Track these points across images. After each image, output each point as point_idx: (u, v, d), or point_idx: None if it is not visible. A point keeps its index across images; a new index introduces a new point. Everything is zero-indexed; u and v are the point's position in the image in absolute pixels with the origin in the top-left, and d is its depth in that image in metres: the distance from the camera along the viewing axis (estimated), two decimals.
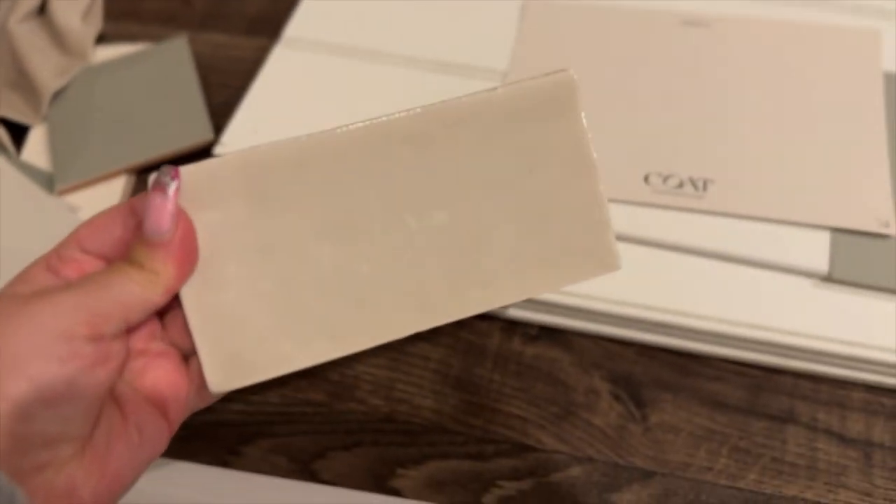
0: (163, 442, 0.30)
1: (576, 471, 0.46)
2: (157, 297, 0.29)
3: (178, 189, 0.29)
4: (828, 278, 0.48)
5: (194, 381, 0.31)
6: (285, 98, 0.60)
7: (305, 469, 0.46)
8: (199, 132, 0.59)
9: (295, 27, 0.64)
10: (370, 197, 0.32)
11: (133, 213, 0.30)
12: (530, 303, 0.50)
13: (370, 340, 0.32)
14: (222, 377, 0.31)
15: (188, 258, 0.30)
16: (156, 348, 0.31)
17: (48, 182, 0.58)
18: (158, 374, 0.30)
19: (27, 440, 0.25)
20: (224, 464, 0.47)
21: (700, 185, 0.51)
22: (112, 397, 0.29)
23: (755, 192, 0.51)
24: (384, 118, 0.32)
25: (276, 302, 0.31)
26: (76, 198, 0.57)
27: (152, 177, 0.30)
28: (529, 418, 0.48)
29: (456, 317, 0.32)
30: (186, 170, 0.30)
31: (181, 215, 0.30)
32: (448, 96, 0.59)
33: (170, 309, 0.31)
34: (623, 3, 0.62)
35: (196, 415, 0.33)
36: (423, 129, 0.32)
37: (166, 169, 0.30)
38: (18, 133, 0.62)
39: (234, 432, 0.48)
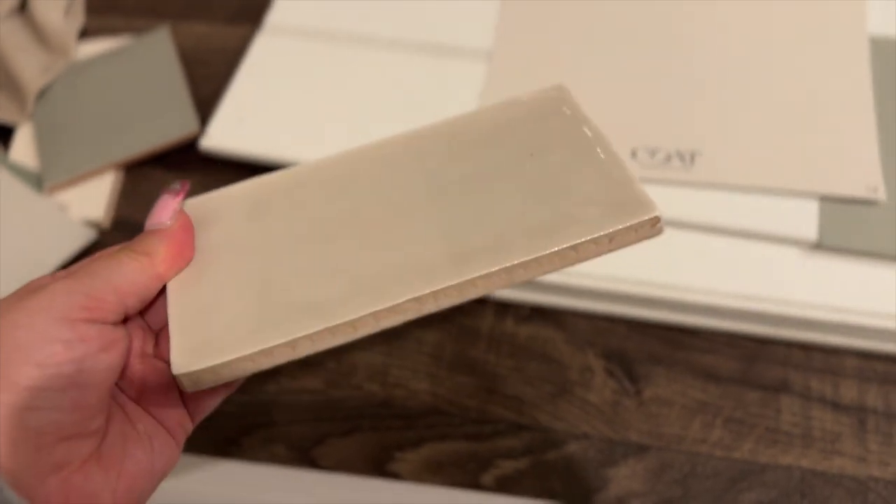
0: (172, 455, 0.30)
1: (572, 448, 0.46)
2: (147, 280, 0.29)
3: (183, 193, 0.31)
4: (818, 246, 0.48)
5: (186, 397, 0.31)
6: (270, 86, 0.60)
7: (304, 457, 0.47)
8: (185, 124, 0.59)
9: (277, 13, 0.64)
10: (370, 200, 0.32)
11: None
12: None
13: (359, 309, 0.29)
14: (186, 360, 0.29)
15: (181, 247, 0.31)
16: (151, 365, 0.30)
17: (36, 181, 0.58)
18: (155, 390, 0.30)
19: (41, 433, 0.25)
20: (223, 454, 0.47)
21: (687, 157, 0.51)
22: (118, 405, 0.29)
23: (742, 162, 0.51)
24: (377, 141, 0.34)
25: (257, 298, 0.30)
26: (65, 196, 0.57)
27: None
28: (525, 398, 0.48)
29: (458, 279, 0.29)
30: (193, 200, 0.33)
31: (182, 213, 0.31)
32: (433, 78, 0.59)
33: (164, 327, 0.31)
34: None
35: None
36: (418, 144, 0.34)
37: (177, 181, 0.32)
38: (4, 133, 0.62)
39: (231, 423, 0.48)
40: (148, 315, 0.31)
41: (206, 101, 0.61)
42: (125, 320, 0.29)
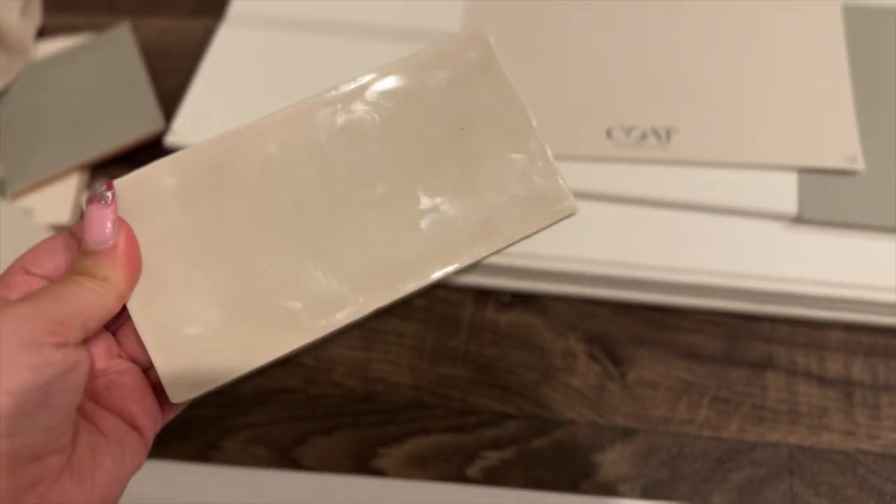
0: (142, 454, 0.30)
1: (558, 435, 0.45)
2: (111, 304, 0.29)
3: (114, 198, 0.30)
4: (798, 219, 0.48)
5: (158, 393, 0.31)
6: (235, 78, 0.58)
7: (286, 457, 0.46)
8: (149, 122, 0.57)
9: (240, 3, 0.62)
10: (307, 179, 0.31)
11: (74, 236, 0.30)
12: (501, 269, 0.49)
13: (331, 323, 0.30)
14: (182, 387, 0.30)
15: (134, 263, 0.30)
16: (116, 366, 0.30)
17: None
18: (123, 392, 0.30)
19: (15, 456, 0.25)
20: (203, 459, 0.46)
21: (663, 134, 0.50)
22: (84, 415, 0.29)
23: (719, 137, 0.50)
24: (306, 100, 0.32)
25: (227, 301, 0.30)
26: (30, 200, 0.56)
27: (86, 194, 0.29)
28: (508, 386, 0.47)
29: (415, 287, 0.31)
30: (120, 182, 0.30)
31: (121, 222, 0.30)
32: None
33: (122, 325, 0.31)
34: None
35: None
36: (346, 104, 0.32)
37: (100, 182, 0.30)
38: None
39: (210, 426, 0.47)
40: None
41: (172, 96, 0.60)
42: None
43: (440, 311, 0.50)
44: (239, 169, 0.31)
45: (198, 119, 0.56)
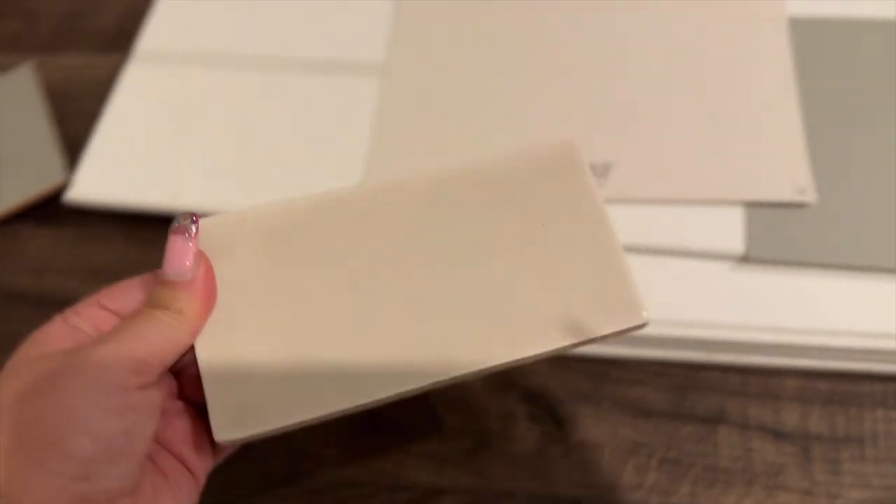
0: (195, 497, 0.31)
1: None
2: (186, 337, 0.29)
3: (198, 231, 0.30)
4: (745, 259, 0.44)
5: (211, 436, 0.31)
6: (145, 122, 0.54)
7: None
8: (51, 175, 0.53)
9: (149, 39, 0.58)
10: (386, 252, 0.33)
11: (155, 276, 0.30)
12: None
13: (385, 391, 0.30)
14: (228, 427, 0.30)
15: (210, 298, 0.31)
16: (175, 406, 0.31)
17: None
18: (178, 433, 0.30)
19: (91, 499, 0.25)
20: None
21: (600, 170, 0.47)
22: (149, 457, 0.29)
23: (659, 171, 0.46)
24: (397, 178, 0.34)
25: (288, 353, 0.31)
26: None
27: (172, 225, 0.30)
28: (442, 455, 0.44)
29: (474, 369, 0.31)
30: (207, 220, 0.32)
31: (201, 256, 0.30)
32: (324, 97, 0.53)
33: (184, 367, 0.31)
34: None
35: None
36: (433, 189, 0.34)
37: (185, 214, 0.31)
38: None
39: None
40: None
41: (80, 141, 0.55)
42: None
43: None
44: (324, 229, 0.33)
45: (103, 170, 0.52)
